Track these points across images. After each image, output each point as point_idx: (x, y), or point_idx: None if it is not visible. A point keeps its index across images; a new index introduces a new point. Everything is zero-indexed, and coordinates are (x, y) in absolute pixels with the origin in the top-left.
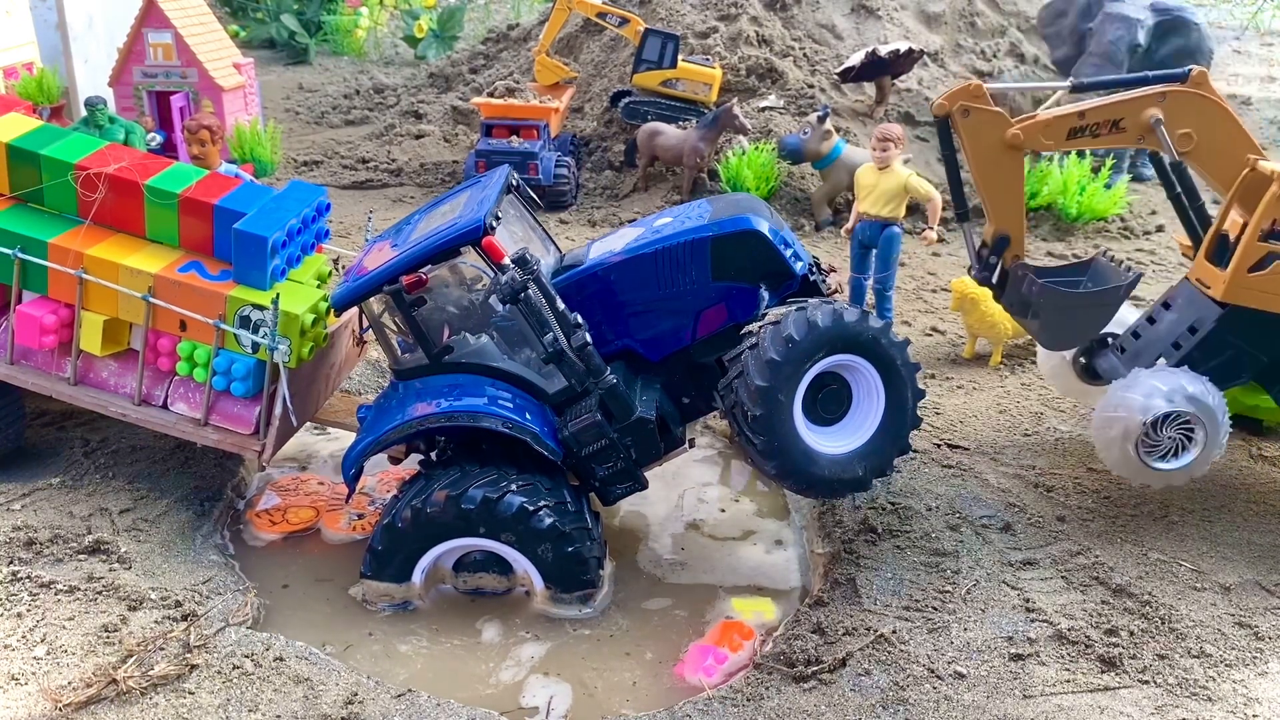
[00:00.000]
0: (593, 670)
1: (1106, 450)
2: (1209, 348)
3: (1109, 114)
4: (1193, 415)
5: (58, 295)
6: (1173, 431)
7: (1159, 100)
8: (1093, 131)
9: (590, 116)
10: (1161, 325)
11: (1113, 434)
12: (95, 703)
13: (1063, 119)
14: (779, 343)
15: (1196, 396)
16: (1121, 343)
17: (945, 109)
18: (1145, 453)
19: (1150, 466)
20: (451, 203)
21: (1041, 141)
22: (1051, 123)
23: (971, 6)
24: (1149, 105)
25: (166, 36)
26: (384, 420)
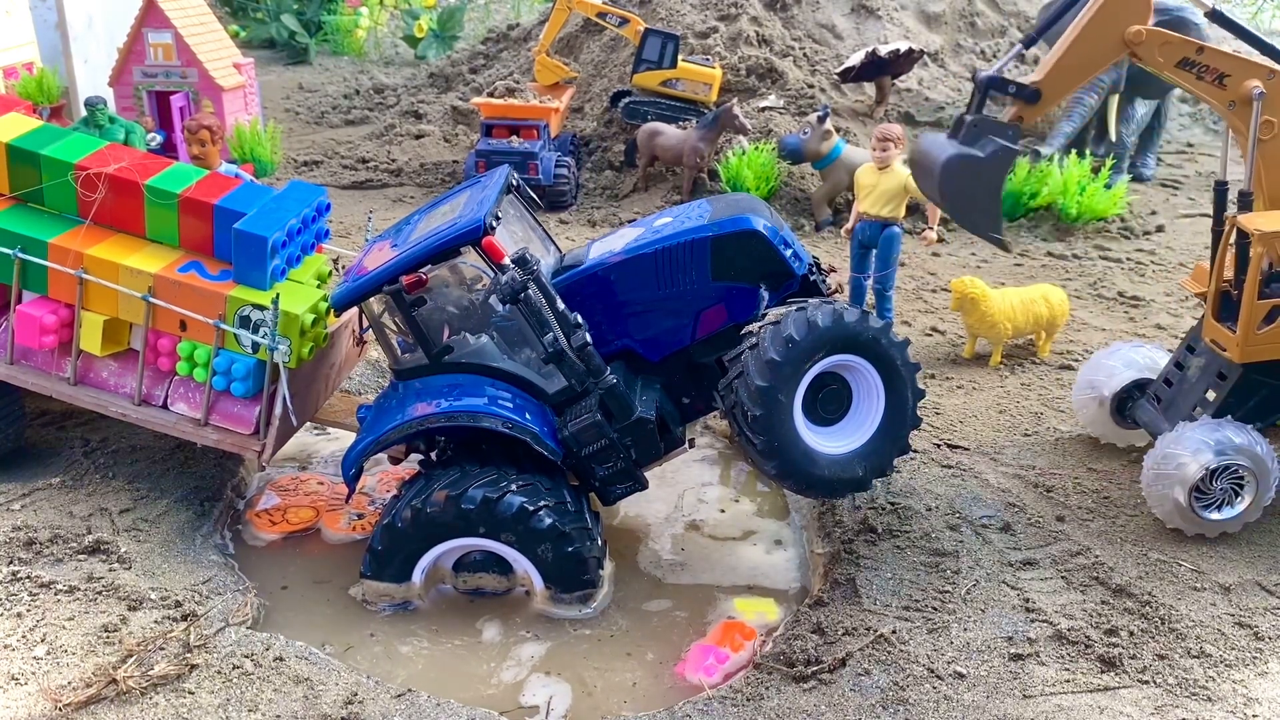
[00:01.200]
0: (593, 670)
1: (1159, 505)
2: (1242, 393)
3: (1222, 63)
4: (1242, 466)
5: (58, 295)
6: (1223, 483)
7: (1268, 75)
8: (1199, 72)
9: (590, 116)
10: (1190, 371)
11: (1164, 490)
12: (95, 703)
13: (1184, 44)
14: (779, 343)
15: (1244, 447)
16: (1156, 391)
17: None
18: (1198, 505)
19: (1204, 518)
20: (451, 203)
21: (1154, 55)
22: (1173, 42)
23: (971, 6)
24: (1258, 74)
25: (166, 36)
26: (384, 420)
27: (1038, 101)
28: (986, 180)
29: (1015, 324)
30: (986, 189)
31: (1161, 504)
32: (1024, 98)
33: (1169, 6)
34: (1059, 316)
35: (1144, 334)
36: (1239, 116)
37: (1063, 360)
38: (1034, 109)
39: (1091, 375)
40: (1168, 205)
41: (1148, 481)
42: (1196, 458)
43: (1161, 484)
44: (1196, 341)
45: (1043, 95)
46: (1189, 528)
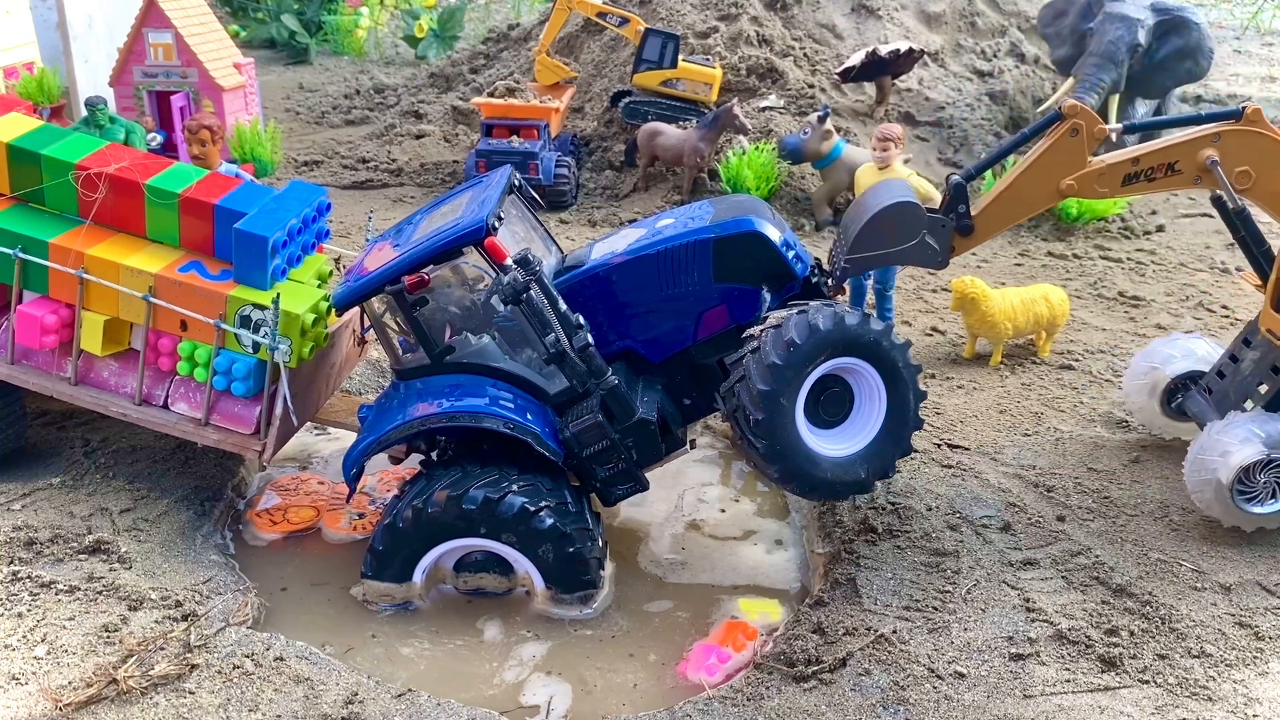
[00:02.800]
0: (593, 670)
1: (1200, 493)
2: None
3: (1163, 158)
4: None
5: (58, 295)
6: (1267, 476)
7: (1213, 140)
8: (1148, 176)
9: (590, 116)
10: (1244, 364)
11: (1206, 478)
12: (95, 703)
13: (1117, 166)
14: (780, 346)
15: None
16: (1208, 383)
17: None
18: (1239, 497)
19: (1244, 510)
20: (453, 203)
21: (1095, 189)
22: (1106, 171)
23: (971, 6)
24: (1204, 146)
25: (167, 36)
26: (385, 420)
27: (969, 235)
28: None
29: (1016, 324)
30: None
31: (1202, 491)
32: (959, 228)
33: (1169, 6)
34: (1059, 316)
35: (1144, 334)
36: (1212, 184)
37: (1063, 360)
38: (965, 241)
39: (1146, 363)
40: (1168, 205)
41: (1190, 468)
42: (1244, 447)
43: (1204, 470)
44: (1253, 335)
45: (974, 230)
46: (1227, 518)
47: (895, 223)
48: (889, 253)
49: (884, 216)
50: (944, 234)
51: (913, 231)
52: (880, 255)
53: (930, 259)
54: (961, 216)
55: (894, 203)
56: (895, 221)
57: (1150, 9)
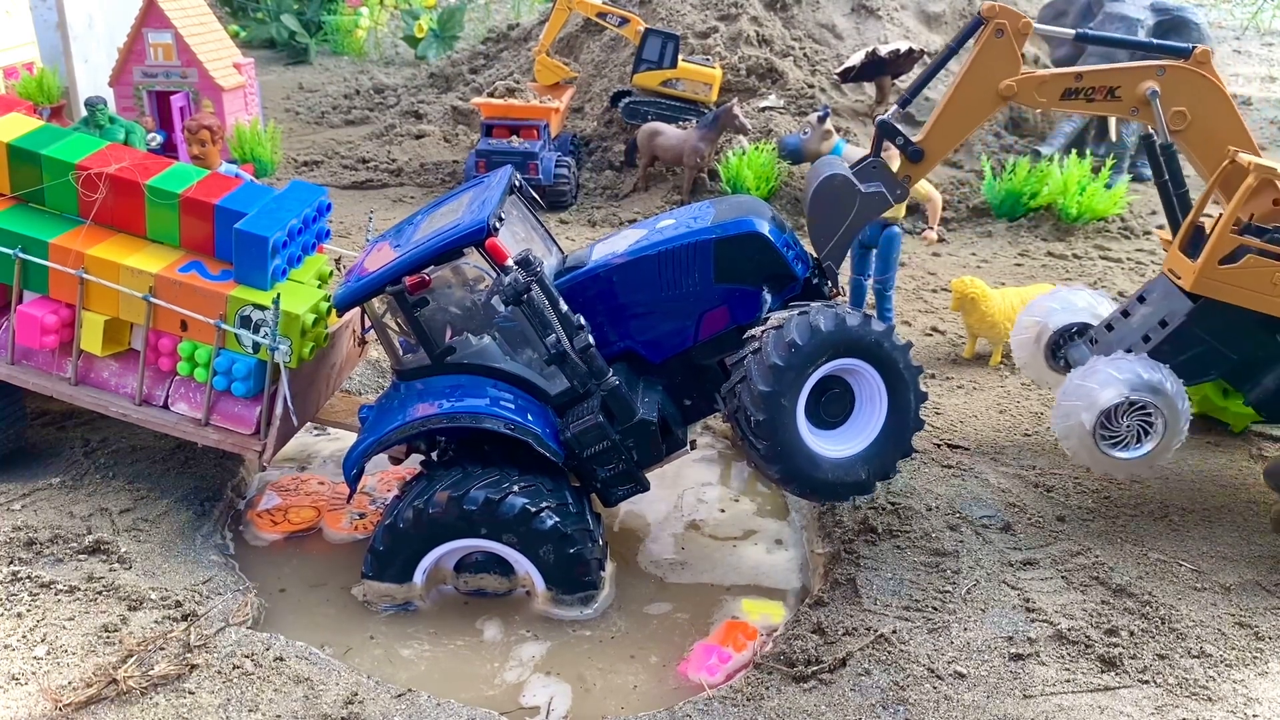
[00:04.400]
0: (593, 670)
1: (1066, 439)
2: (1178, 342)
3: (1106, 80)
4: (1151, 403)
5: (59, 295)
6: (1131, 420)
7: (1157, 73)
8: (1087, 95)
9: (590, 116)
10: (1135, 318)
11: (1071, 423)
12: (95, 703)
13: (1059, 78)
14: (781, 347)
15: (1154, 385)
16: (1094, 334)
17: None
18: (1104, 441)
19: (1109, 455)
20: (454, 203)
21: (1035, 97)
22: (1048, 80)
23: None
24: (1147, 77)
25: (166, 36)
26: (386, 420)
27: (920, 160)
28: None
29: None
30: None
31: (1068, 437)
32: (909, 155)
33: (1169, 6)
34: None
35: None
36: (1147, 118)
37: None
38: (918, 168)
39: (1030, 316)
40: None
41: (1057, 413)
42: (1105, 390)
43: (1069, 416)
44: (1148, 292)
45: (925, 154)
46: (1096, 465)
47: (832, 198)
48: (848, 225)
49: (819, 201)
50: (881, 174)
51: (850, 195)
52: (842, 232)
53: (884, 202)
54: (907, 145)
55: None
56: (830, 197)
57: (1150, 9)
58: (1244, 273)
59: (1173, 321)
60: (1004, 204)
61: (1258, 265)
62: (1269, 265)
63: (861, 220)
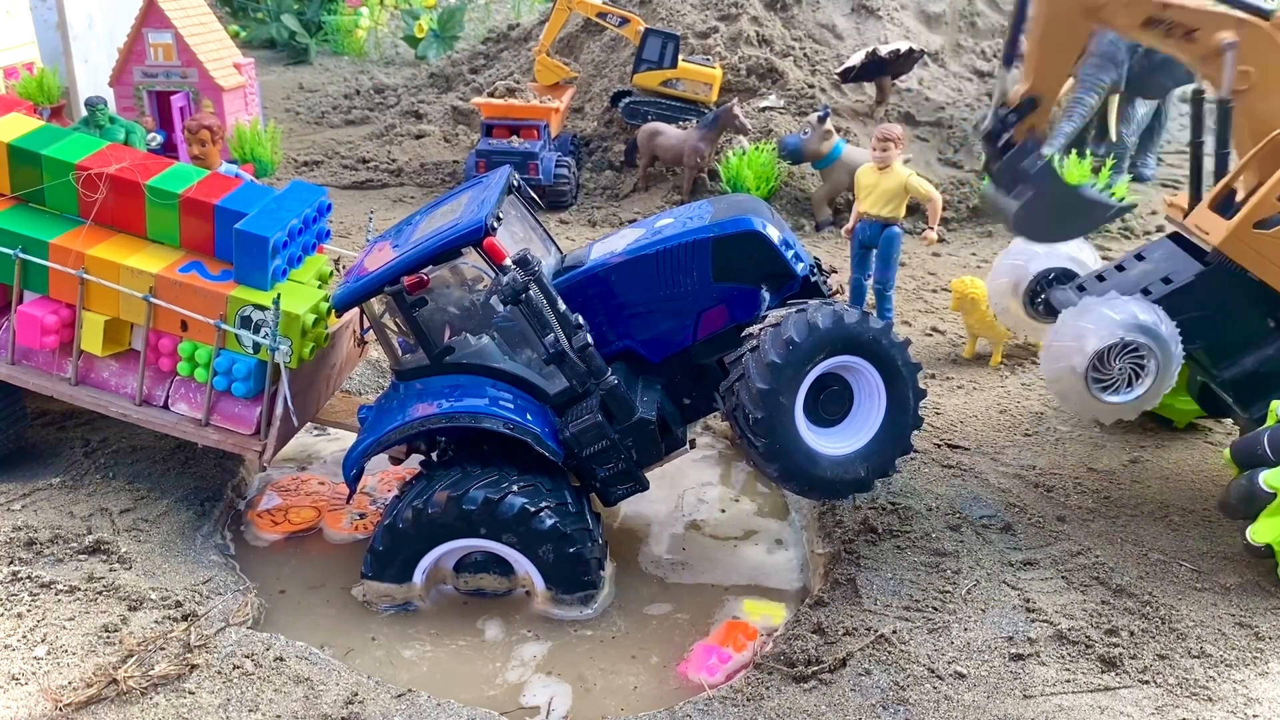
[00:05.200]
0: (594, 670)
1: (1055, 382)
2: (1177, 301)
3: (1190, 18)
4: (1145, 345)
5: (59, 295)
6: (1123, 363)
7: (1237, 25)
8: (1167, 29)
9: (590, 116)
10: (1131, 273)
11: (1061, 365)
12: (95, 703)
13: (1147, 2)
14: (780, 345)
15: (1149, 326)
16: (1083, 282)
17: None
18: (1095, 385)
19: (1100, 399)
20: (452, 203)
21: (1118, 17)
22: (1136, 2)
23: (971, 6)
24: (1228, 25)
25: (167, 36)
26: (385, 420)
27: (1038, 106)
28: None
29: None
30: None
31: (1057, 380)
32: (1024, 112)
33: None
34: None
35: None
36: (1213, 69)
37: None
38: (1039, 114)
39: (1009, 260)
40: None
41: (1046, 356)
42: (1100, 330)
43: (1060, 359)
44: (1149, 253)
45: (1038, 99)
46: (1085, 411)
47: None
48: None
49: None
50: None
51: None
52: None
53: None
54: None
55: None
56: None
57: None
58: (1275, 241)
59: (1177, 280)
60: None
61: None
62: None
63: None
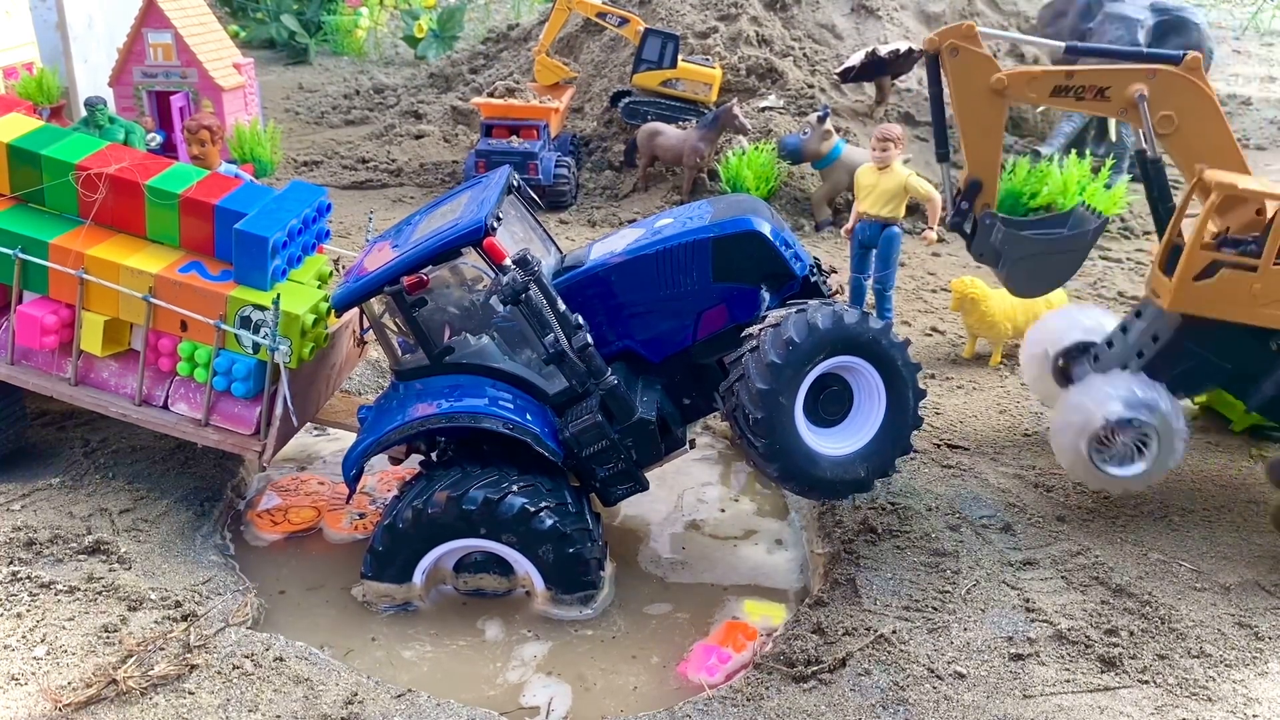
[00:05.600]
0: (594, 670)
1: (1061, 453)
2: (1170, 356)
3: (1096, 80)
4: (1147, 423)
5: (58, 295)
6: (1127, 438)
7: (1148, 76)
8: (1077, 94)
9: (590, 116)
10: (1132, 334)
11: (1067, 438)
12: (95, 703)
13: (1050, 75)
14: (779, 345)
15: (1150, 404)
16: (1097, 352)
17: (935, 45)
18: (1099, 457)
19: (1103, 472)
20: (452, 203)
21: (1025, 93)
22: (1039, 76)
23: (971, 6)
24: (1137, 79)
25: (166, 36)
26: (385, 421)
27: (983, 187)
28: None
29: (1015, 324)
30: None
31: (1063, 453)
32: (972, 195)
33: (1169, 6)
34: None
35: None
36: (1135, 121)
37: None
38: (987, 191)
39: (1038, 334)
40: None
41: (1054, 427)
42: (1101, 408)
43: (1067, 432)
44: (1145, 306)
45: (980, 181)
46: (1090, 481)
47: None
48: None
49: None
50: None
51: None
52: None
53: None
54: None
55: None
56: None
57: (1150, 9)
58: (1220, 287)
59: (1163, 336)
60: (1004, 204)
61: (1233, 278)
62: (1245, 277)
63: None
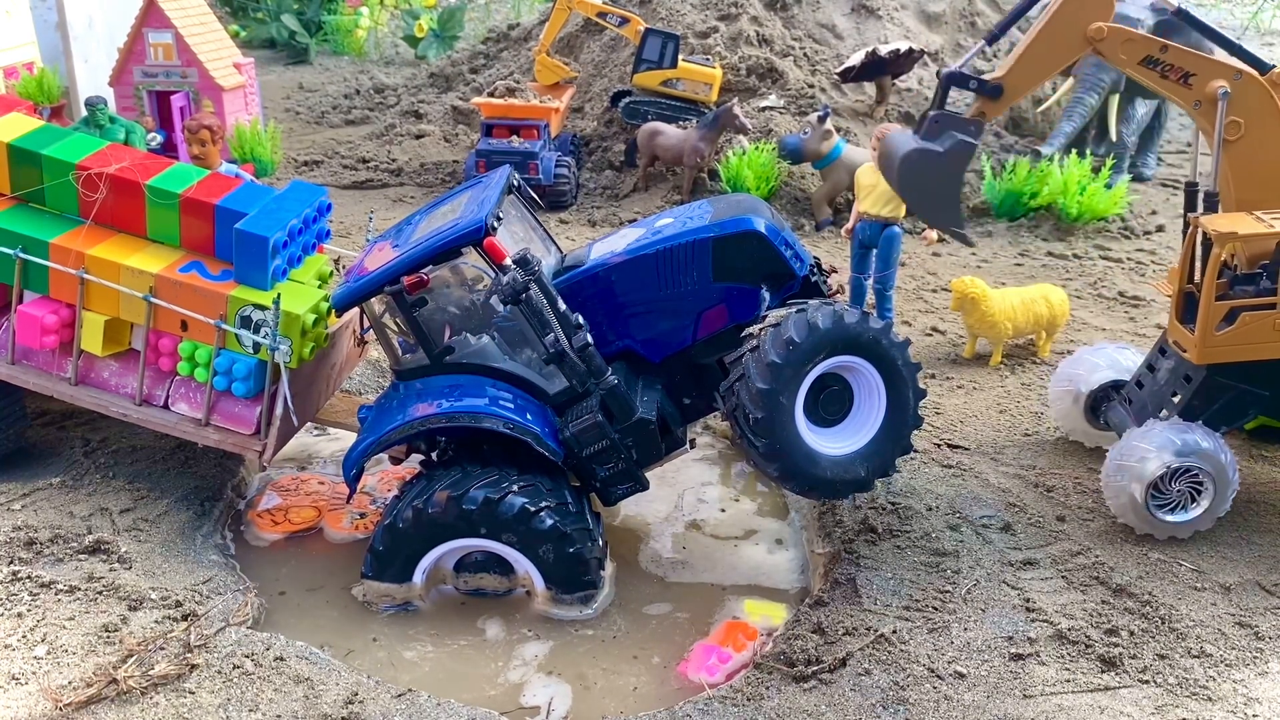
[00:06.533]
0: (594, 670)
1: (1115, 500)
2: (1206, 396)
3: (1188, 62)
4: (1202, 470)
5: (59, 295)
6: (1181, 485)
7: (1234, 75)
8: (1164, 70)
9: (590, 116)
10: (1160, 373)
11: (1121, 485)
12: (95, 703)
13: (1146, 42)
14: (780, 345)
15: (1208, 452)
16: (1128, 393)
17: None
18: (1153, 505)
19: (1158, 519)
20: (452, 203)
21: (1117, 52)
22: (1136, 40)
23: (971, 6)
24: (1224, 74)
25: (167, 36)
26: (385, 420)
27: (1000, 97)
28: (945, 174)
29: (1016, 324)
30: (945, 183)
31: (1118, 498)
32: (986, 93)
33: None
34: (1059, 316)
35: (1144, 334)
36: (1205, 116)
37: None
38: (996, 104)
39: (1070, 370)
40: (1168, 205)
41: (1108, 475)
42: (1159, 455)
43: (1121, 478)
44: (1167, 344)
45: (1005, 90)
46: (1141, 526)
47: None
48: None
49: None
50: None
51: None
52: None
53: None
54: (983, 84)
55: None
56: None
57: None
58: (1243, 332)
59: (1196, 376)
60: (1004, 204)
61: (1255, 320)
62: (1265, 315)
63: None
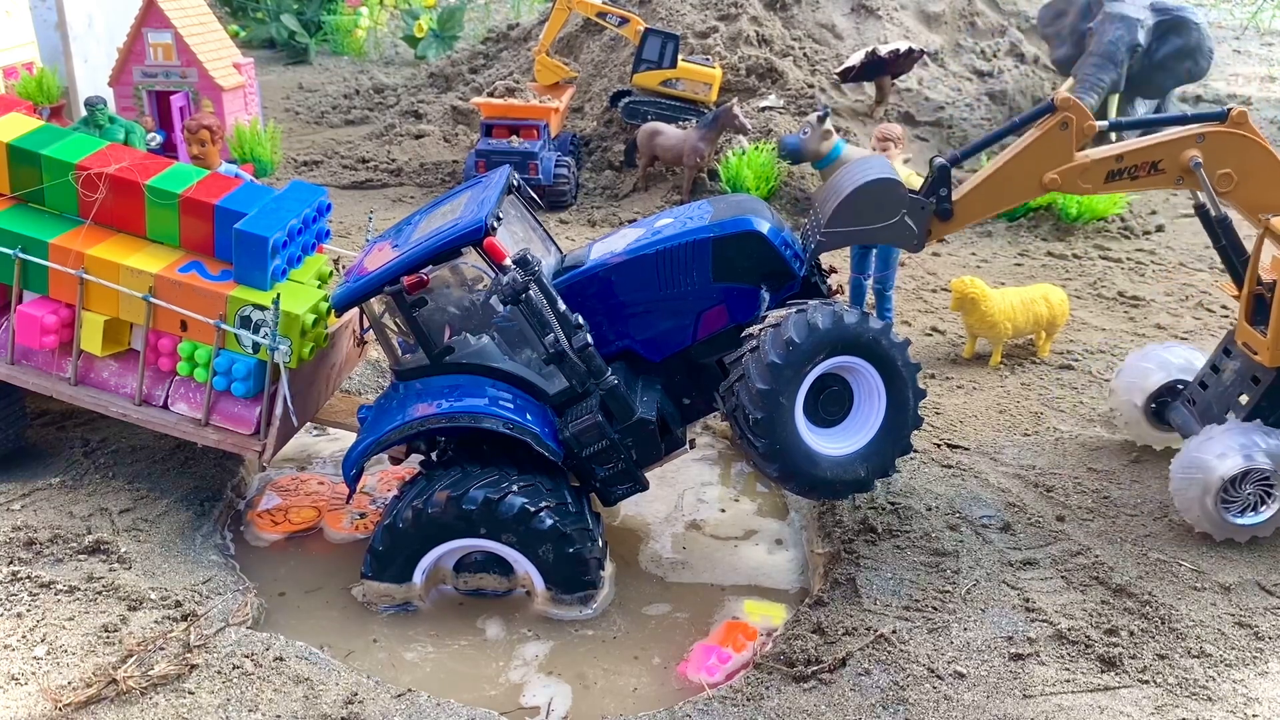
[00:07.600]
0: (594, 670)
1: (1186, 508)
2: (1275, 397)
3: (1147, 156)
4: (1271, 471)
5: (58, 295)
6: (1251, 487)
7: (1197, 141)
8: (1131, 174)
9: (590, 116)
10: (1225, 374)
11: (1192, 492)
12: (95, 703)
13: (1101, 163)
14: (779, 345)
15: (1273, 451)
16: (1191, 394)
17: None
18: (1224, 509)
19: (1231, 522)
20: (452, 203)
21: (1079, 185)
22: (1090, 166)
23: (971, 6)
24: (1188, 146)
25: (166, 36)
26: (385, 420)
27: (947, 220)
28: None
29: (1015, 324)
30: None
31: (1189, 508)
32: (938, 212)
33: (1168, 6)
34: (1059, 316)
35: (1144, 334)
36: (1195, 184)
37: (1063, 360)
38: (943, 226)
39: (1127, 378)
40: (1168, 205)
41: (1176, 484)
42: (1223, 461)
43: (1189, 487)
44: (1233, 344)
45: (954, 216)
46: (1217, 532)
47: (875, 199)
48: (866, 229)
49: (864, 192)
50: (923, 216)
51: (892, 210)
52: (857, 232)
53: (906, 240)
54: (942, 200)
55: (875, 179)
56: (875, 198)
57: (1150, 9)
58: None
59: (1264, 378)
60: None
61: None
62: None
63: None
